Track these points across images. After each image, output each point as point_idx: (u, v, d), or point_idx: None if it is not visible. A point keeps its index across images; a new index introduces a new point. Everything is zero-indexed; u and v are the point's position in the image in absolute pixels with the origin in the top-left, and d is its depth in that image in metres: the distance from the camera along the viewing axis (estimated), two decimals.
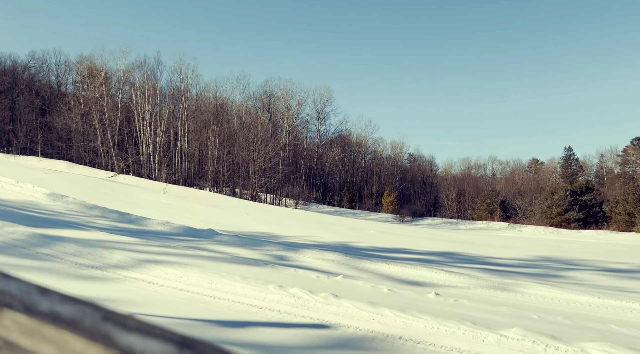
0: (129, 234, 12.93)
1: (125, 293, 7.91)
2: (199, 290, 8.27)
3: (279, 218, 26.76)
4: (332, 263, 12.23)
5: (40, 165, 39.95)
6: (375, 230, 24.80)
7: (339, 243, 17.66)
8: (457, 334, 6.29)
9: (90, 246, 10.33)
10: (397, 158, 77.48)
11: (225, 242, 14.22)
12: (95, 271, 8.90)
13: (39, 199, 17.54)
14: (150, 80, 48.07)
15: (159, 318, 6.86)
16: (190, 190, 38.04)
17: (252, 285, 8.34)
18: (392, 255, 15.21)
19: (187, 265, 9.34)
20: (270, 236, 17.65)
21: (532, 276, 12.83)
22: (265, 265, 10.29)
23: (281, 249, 13.71)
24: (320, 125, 68.85)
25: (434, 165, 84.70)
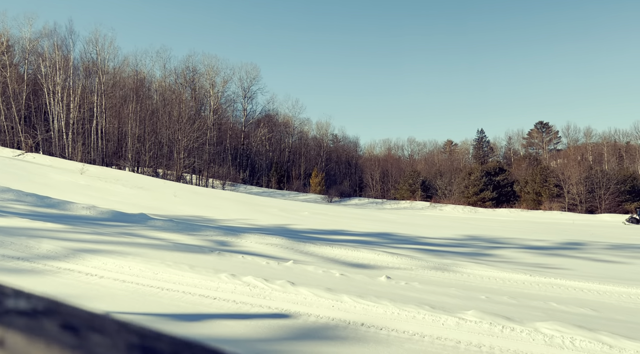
0: (53, 220, 11.87)
1: (63, 286, 7.23)
2: (144, 281, 7.76)
3: (209, 201, 26.02)
4: (277, 247, 12.04)
5: None
6: (309, 211, 24.88)
7: (276, 226, 17.47)
8: (417, 319, 6.42)
9: (12, 235, 9.34)
10: (323, 139, 78.14)
11: (160, 227, 13.53)
12: (22, 263, 8.05)
13: None
14: (61, 50, 44.10)
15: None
16: (111, 170, 35.80)
17: (202, 275, 7.96)
18: (332, 237, 15.31)
19: (127, 254, 8.73)
20: (205, 220, 17.07)
21: (465, 255, 13.49)
22: (210, 252, 9.88)
23: (221, 234, 13.29)
24: (246, 103, 67.51)
25: (357, 146, 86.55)
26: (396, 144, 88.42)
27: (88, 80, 45.23)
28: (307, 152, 72.77)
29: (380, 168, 64.48)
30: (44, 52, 44.20)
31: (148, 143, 43.15)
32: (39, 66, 45.01)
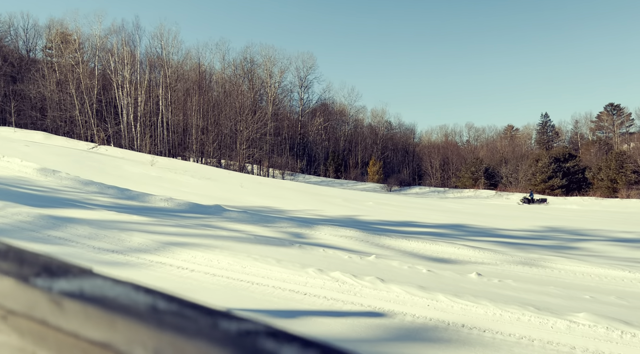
0: (137, 212, 12.31)
1: (159, 280, 7.43)
2: (233, 275, 7.84)
3: (274, 191, 26.31)
4: (351, 240, 11.91)
5: (16, 136, 38.22)
6: (373, 201, 24.61)
7: (344, 216, 17.36)
8: (522, 321, 6.06)
9: (104, 228, 9.73)
10: (379, 127, 77.18)
11: (235, 219, 13.75)
12: (117, 256, 8.35)
13: (29, 174, 16.62)
14: (128, 46, 45.97)
15: None
16: (178, 161, 37.06)
17: (289, 269, 7.94)
18: (403, 229, 15.00)
19: (214, 247, 8.86)
20: (274, 211, 17.22)
21: (549, 249, 12.79)
22: (291, 245, 9.88)
23: (294, 225, 13.32)
24: (303, 93, 67.70)
25: (414, 133, 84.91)
26: (453, 130, 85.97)
27: (153, 74, 46.92)
28: (363, 140, 72.15)
29: (440, 155, 62.92)
30: (112, 48, 46.29)
31: (212, 134, 44.27)
32: (108, 62, 47.16)
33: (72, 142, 40.95)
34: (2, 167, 16.83)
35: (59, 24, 52.61)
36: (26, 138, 38.18)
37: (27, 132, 43.45)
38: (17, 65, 54.22)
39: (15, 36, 58.40)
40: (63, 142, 39.61)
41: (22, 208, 10.41)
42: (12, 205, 10.46)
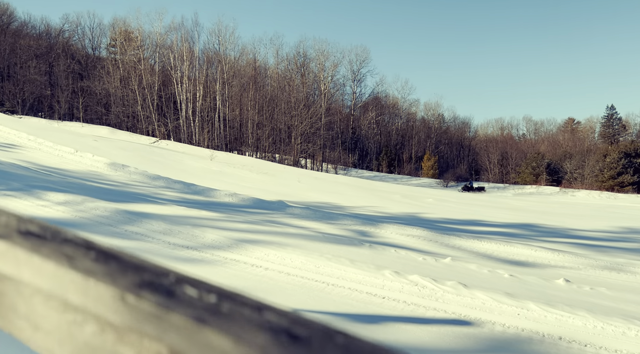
0: (205, 207, 12.50)
1: (235, 278, 7.43)
2: (308, 275, 7.73)
3: (331, 186, 26.19)
4: (420, 239, 11.56)
5: (84, 131, 40.17)
6: (433, 198, 23.99)
7: (406, 214, 16.97)
8: (628, 336, 5.57)
9: (177, 223, 9.89)
10: (433, 121, 75.45)
11: (299, 215, 13.70)
12: (192, 253, 8.45)
13: (100, 169, 17.30)
14: (187, 42, 47.23)
15: None
16: (236, 156, 37.72)
17: (364, 270, 7.74)
18: (471, 228, 14.46)
19: (285, 245, 8.80)
20: (335, 207, 17.07)
21: (634, 252, 11.91)
22: (361, 244, 9.68)
23: (359, 223, 13.10)
24: (355, 86, 67.17)
25: (469, 127, 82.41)
26: (510, 123, 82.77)
27: (210, 70, 48.01)
28: (416, 134, 70.79)
29: (498, 150, 60.72)
30: (172, 45, 47.73)
31: (267, 129, 44.81)
32: (168, 58, 48.68)
33: (135, 136, 42.60)
34: (76, 162, 17.61)
35: (122, 22, 54.84)
36: (93, 132, 40.04)
37: (94, 126, 45.61)
38: (83, 63, 57.01)
39: (82, 35, 61.42)
40: (126, 137, 41.27)
41: (99, 202, 10.76)
42: (90, 199, 10.84)
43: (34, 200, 10.44)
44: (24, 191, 11.07)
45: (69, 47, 58.24)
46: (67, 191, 11.45)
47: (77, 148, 18.92)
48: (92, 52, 60.80)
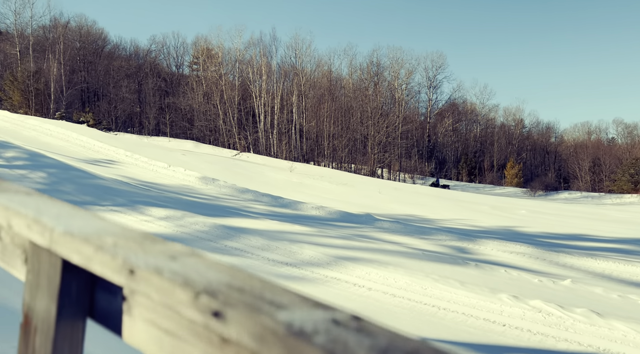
0: (295, 221, 12.46)
1: (338, 298, 7.17)
2: (415, 297, 7.31)
3: (412, 197, 25.47)
4: (525, 257, 10.74)
5: (171, 145, 42.36)
6: (525, 209, 22.57)
7: (501, 228, 15.99)
8: None
9: (274, 238, 9.86)
10: (516, 126, 71.80)
11: (389, 229, 13.29)
12: (292, 270, 8.33)
13: (192, 183, 17.94)
14: (265, 57, 48.60)
15: None
16: (313, 167, 38.01)
17: (477, 294, 7.19)
18: (577, 244, 13.28)
19: (386, 264, 8.45)
20: (423, 221, 16.46)
21: None
22: (465, 263, 9.11)
23: (454, 238, 12.46)
24: (431, 93, 65.58)
25: (553, 132, 77.50)
26: (598, 127, 76.73)
27: (287, 83, 49.03)
28: (497, 140, 67.66)
29: (588, 156, 56.47)
30: (250, 60, 49.34)
31: (343, 140, 44.83)
32: (247, 73, 50.32)
33: (218, 149, 44.30)
34: (170, 176, 18.40)
35: (204, 40, 57.59)
36: (179, 147, 42.10)
37: (179, 141, 48.02)
38: (169, 80, 60.48)
39: (167, 54, 65.27)
40: (210, 150, 43.00)
41: (197, 217, 11.00)
42: (189, 214, 11.12)
43: (137, 215, 10.87)
44: (127, 206, 11.59)
45: (156, 66, 62.03)
46: (166, 206, 11.85)
47: (169, 163, 19.79)
48: (177, 70, 64.36)
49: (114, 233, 0.53)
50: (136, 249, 0.48)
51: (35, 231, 0.55)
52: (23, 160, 15.69)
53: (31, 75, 45.63)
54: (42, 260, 0.53)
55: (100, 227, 0.55)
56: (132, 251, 0.47)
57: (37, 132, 24.50)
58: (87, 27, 59.12)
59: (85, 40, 57.67)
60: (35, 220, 0.55)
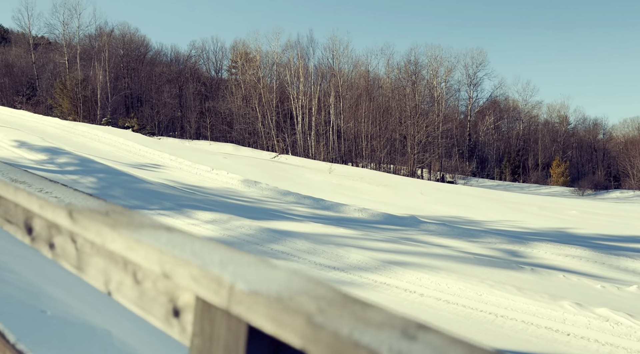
0: (338, 224, 12.33)
1: (390, 304, 6.98)
2: (470, 304, 7.04)
3: (455, 198, 24.89)
4: (582, 261, 10.23)
5: (212, 149, 43.10)
6: (576, 210, 21.65)
7: (552, 230, 15.36)
8: None
9: (319, 242, 9.77)
10: (560, 123, 69.25)
11: (435, 232, 12.97)
12: (340, 274, 8.20)
13: (234, 186, 18.11)
14: (303, 59, 48.74)
15: None
16: (352, 168, 37.85)
17: (536, 300, 6.86)
18: (638, 247, 12.58)
19: (437, 269, 8.20)
20: (469, 222, 16.01)
21: None
22: (520, 267, 8.74)
23: (504, 241, 12.03)
24: (472, 91, 64.11)
25: (601, 128, 74.26)
26: None
27: (324, 84, 49.02)
28: (542, 138, 65.43)
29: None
30: (288, 62, 49.62)
31: (382, 140, 44.41)
32: (284, 75, 50.64)
33: (257, 152, 44.76)
34: (213, 179, 18.65)
35: (242, 44, 58.33)
36: (220, 150, 42.77)
37: (220, 144, 48.82)
38: (208, 84, 61.63)
39: (206, 59, 66.54)
40: (249, 152, 43.49)
41: (243, 220, 11.04)
42: (235, 218, 11.18)
43: (185, 219, 11.01)
44: (175, 210, 11.77)
45: (196, 71, 63.33)
46: (212, 210, 11.97)
47: (212, 166, 20.07)
48: (216, 74, 65.50)
49: (306, 291, 0.42)
50: (347, 317, 0.37)
51: (205, 286, 0.45)
52: (74, 166, 16.24)
53: (79, 83, 47.49)
54: (218, 324, 0.43)
55: (284, 281, 0.44)
56: (344, 320, 0.36)
57: (85, 138, 25.39)
58: (130, 34, 61.01)
59: (128, 47, 59.48)
60: (203, 271, 0.44)
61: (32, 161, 15.99)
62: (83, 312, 2.29)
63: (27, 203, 0.72)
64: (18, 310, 2.00)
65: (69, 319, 2.11)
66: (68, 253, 0.71)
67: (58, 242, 0.73)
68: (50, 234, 0.75)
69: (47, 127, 27.84)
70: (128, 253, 0.56)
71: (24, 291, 2.36)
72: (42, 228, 0.78)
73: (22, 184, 0.76)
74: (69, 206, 0.66)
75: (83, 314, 2.24)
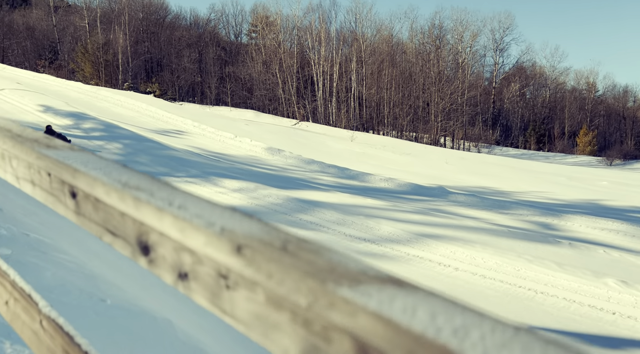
0: (365, 194, 12.15)
1: (424, 278, 6.85)
2: (508, 279, 6.86)
3: (481, 167, 24.42)
4: (620, 235, 9.90)
5: (232, 115, 42.91)
6: (607, 180, 21.06)
7: (585, 201, 14.95)
8: None
9: (348, 213, 9.62)
10: (588, 90, 66.98)
11: (465, 203, 12.71)
12: (371, 246, 8.07)
13: (258, 154, 17.99)
14: (324, 23, 47.59)
15: None
16: (374, 136, 37.39)
17: (578, 277, 6.64)
18: None
19: (472, 242, 8.00)
20: (498, 193, 15.68)
21: None
22: (557, 241, 8.48)
23: (536, 213, 11.72)
24: (498, 57, 62.08)
25: (630, 96, 71.66)
26: None
27: (346, 49, 47.97)
28: (568, 106, 63.52)
29: None
30: (309, 26, 48.51)
31: (405, 107, 43.60)
32: (305, 40, 49.66)
33: (277, 118, 44.45)
34: (236, 147, 18.54)
35: (262, 7, 57.18)
36: (241, 116, 42.57)
37: (240, 110, 48.56)
38: (228, 49, 60.84)
39: (226, 23, 65.47)
40: (270, 119, 43.21)
41: (270, 189, 10.93)
42: (262, 186, 11.06)
43: (212, 187, 10.94)
44: (201, 177, 11.70)
45: (215, 35, 62.45)
46: (238, 178, 11.88)
47: (235, 133, 19.94)
48: (235, 39, 64.56)
49: None
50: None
51: None
52: (99, 131, 16.26)
53: (100, 46, 47.35)
54: None
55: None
56: None
57: (108, 103, 25.41)
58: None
59: (147, 10, 58.74)
60: None
61: (59, 126, 16.03)
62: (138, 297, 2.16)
63: (159, 223, 0.51)
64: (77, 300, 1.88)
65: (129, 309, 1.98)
66: (212, 292, 0.51)
67: (197, 275, 0.52)
68: (180, 260, 0.54)
69: (71, 91, 27.90)
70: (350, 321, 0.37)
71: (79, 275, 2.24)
72: (169, 251, 0.57)
73: (141, 192, 0.56)
74: (233, 237, 0.45)
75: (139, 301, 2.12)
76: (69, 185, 0.70)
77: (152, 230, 0.57)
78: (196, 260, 0.52)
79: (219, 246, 0.46)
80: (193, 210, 0.52)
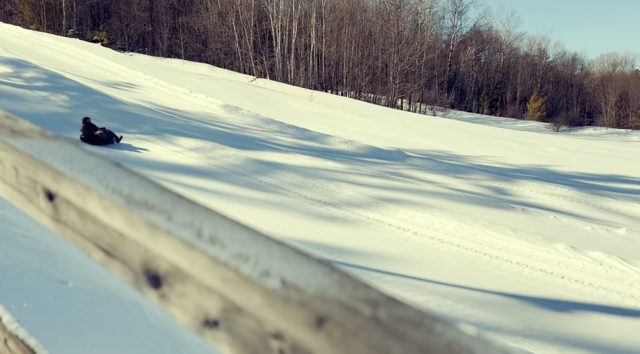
0: (326, 156, 12.07)
1: (386, 243, 6.93)
2: (465, 244, 7.04)
3: (436, 131, 24.82)
4: (568, 201, 10.37)
5: (186, 68, 41.20)
6: (555, 146, 21.94)
7: (534, 167, 15.52)
8: None
9: (309, 175, 9.53)
10: (540, 57, 68.83)
11: (422, 167, 12.89)
12: (332, 210, 8.05)
13: (215, 111, 17.42)
14: None
15: (447, 287, 5.76)
16: (333, 96, 37.03)
17: (530, 242, 6.90)
18: (619, 186, 12.86)
19: (431, 207, 8.13)
20: (453, 157, 16.00)
21: None
22: (511, 207, 8.76)
23: (490, 178, 12.06)
24: (456, 19, 62.30)
25: (578, 64, 74.42)
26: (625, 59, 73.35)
27: (307, 4, 46.56)
28: (521, 72, 65.17)
29: (616, 90, 54.33)
30: None
31: (364, 68, 43.23)
32: None
33: (234, 74, 43.06)
34: (191, 103, 17.85)
35: None
36: (195, 70, 40.97)
37: (194, 64, 46.68)
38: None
39: None
40: (226, 75, 41.83)
41: (228, 149, 10.64)
42: (219, 146, 10.75)
43: (167, 145, 10.52)
44: (155, 135, 11.21)
45: None
46: (194, 137, 11.47)
47: (190, 89, 19.16)
48: None
49: None
50: None
51: None
52: (43, 81, 15.17)
53: None
54: None
55: None
56: None
57: (52, 51, 23.68)
58: None
59: None
60: None
61: None
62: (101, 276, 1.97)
63: (188, 264, 0.40)
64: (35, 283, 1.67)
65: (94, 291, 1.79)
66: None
67: (232, 327, 0.39)
68: (208, 305, 0.42)
69: (9, 36, 25.75)
70: None
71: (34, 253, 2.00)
72: (191, 291, 0.47)
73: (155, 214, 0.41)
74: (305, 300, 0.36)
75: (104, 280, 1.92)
76: (43, 186, 0.52)
77: (169, 263, 0.41)
78: (234, 308, 0.37)
79: (287, 313, 0.33)
80: (233, 247, 0.37)
